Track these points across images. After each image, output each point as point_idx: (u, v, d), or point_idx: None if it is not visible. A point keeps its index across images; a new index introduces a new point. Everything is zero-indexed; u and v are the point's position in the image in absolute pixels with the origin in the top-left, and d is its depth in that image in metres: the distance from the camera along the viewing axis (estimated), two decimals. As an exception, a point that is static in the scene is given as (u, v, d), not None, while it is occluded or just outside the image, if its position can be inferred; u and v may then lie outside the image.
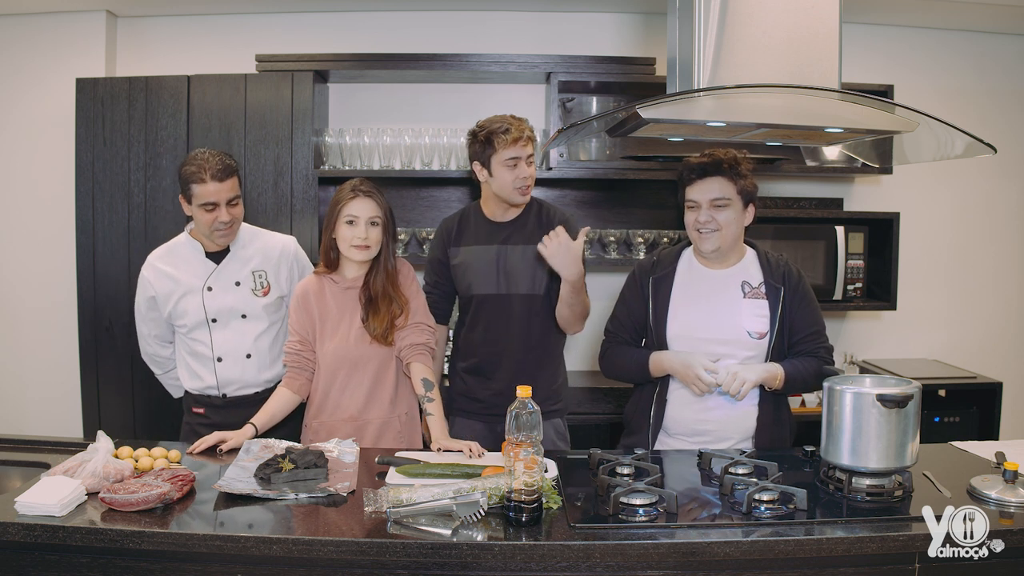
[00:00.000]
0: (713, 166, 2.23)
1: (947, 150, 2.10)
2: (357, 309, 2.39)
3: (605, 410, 3.35)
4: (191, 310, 2.51)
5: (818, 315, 2.32)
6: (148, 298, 2.56)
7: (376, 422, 2.39)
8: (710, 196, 2.23)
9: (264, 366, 2.58)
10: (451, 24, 3.71)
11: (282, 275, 2.60)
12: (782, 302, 2.26)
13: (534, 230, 2.54)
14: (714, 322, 2.27)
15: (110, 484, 1.83)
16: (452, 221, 2.67)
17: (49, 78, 3.58)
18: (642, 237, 3.53)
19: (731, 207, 2.24)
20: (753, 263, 2.33)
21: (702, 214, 2.24)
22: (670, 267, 2.37)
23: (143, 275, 2.56)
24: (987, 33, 3.85)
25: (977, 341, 3.94)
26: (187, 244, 2.56)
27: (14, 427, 3.59)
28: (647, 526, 1.71)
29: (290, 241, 2.68)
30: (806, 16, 1.95)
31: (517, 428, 1.70)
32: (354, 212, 2.32)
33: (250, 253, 2.58)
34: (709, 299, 2.30)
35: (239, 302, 2.53)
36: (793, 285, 2.28)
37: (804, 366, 2.25)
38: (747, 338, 2.25)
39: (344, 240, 2.34)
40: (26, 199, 3.66)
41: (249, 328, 2.54)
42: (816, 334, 2.29)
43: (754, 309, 2.26)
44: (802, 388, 2.29)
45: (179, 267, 2.53)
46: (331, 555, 1.64)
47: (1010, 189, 3.95)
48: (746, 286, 2.29)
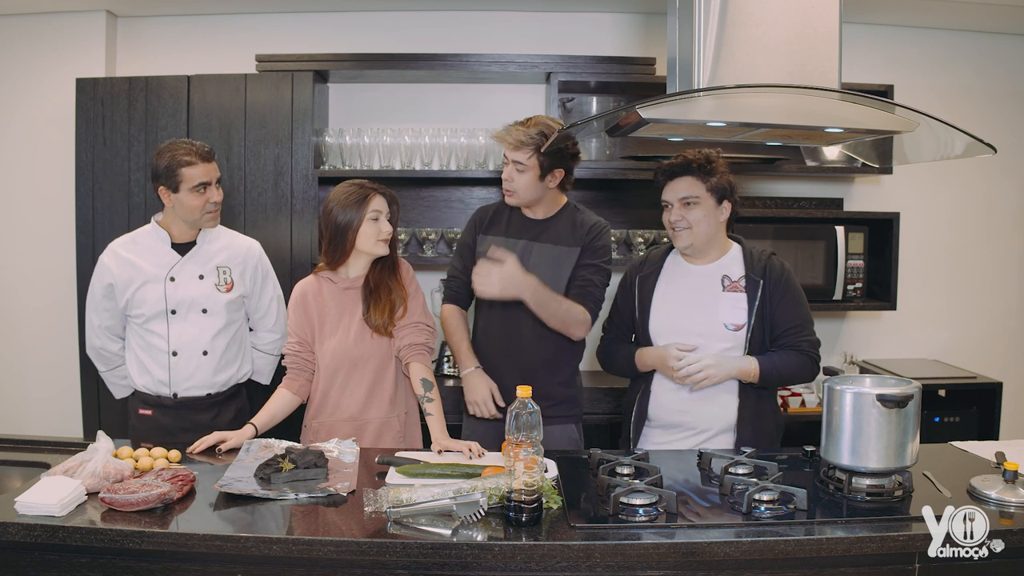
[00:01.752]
0: (682, 167, 2.32)
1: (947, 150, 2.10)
2: (356, 309, 2.39)
3: (605, 410, 3.35)
4: (150, 299, 2.48)
5: (802, 310, 2.35)
6: (105, 285, 2.51)
7: (376, 422, 2.39)
8: (679, 195, 2.32)
9: (219, 367, 2.55)
10: (451, 24, 3.71)
11: (247, 274, 2.60)
12: (761, 295, 2.31)
13: (566, 231, 2.52)
14: (693, 315, 2.35)
15: (110, 484, 1.82)
16: (488, 210, 2.67)
17: (49, 78, 3.59)
18: (642, 237, 3.53)
19: (700, 205, 2.31)
20: (736, 258, 2.39)
21: (673, 213, 2.33)
22: (657, 265, 2.47)
23: (102, 261, 2.53)
24: (987, 33, 3.85)
25: (977, 341, 3.94)
26: (152, 233, 2.54)
27: (14, 427, 3.59)
28: (647, 526, 1.71)
29: (255, 243, 2.68)
30: (806, 16, 1.95)
31: (517, 428, 1.70)
32: (379, 207, 2.35)
33: (216, 248, 2.57)
34: (689, 293, 2.37)
35: (201, 295, 2.51)
36: (774, 279, 2.33)
37: (783, 360, 2.30)
38: (724, 330, 2.31)
39: (369, 236, 2.34)
40: (26, 199, 3.66)
41: (208, 323, 2.52)
42: (798, 328, 2.32)
43: (732, 302, 2.33)
44: (781, 381, 2.35)
45: (142, 255, 2.51)
46: (331, 555, 1.64)
47: (1010, 189, 3.95)
48: (726, 280, 2.36)
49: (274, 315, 2.68)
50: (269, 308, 2.67)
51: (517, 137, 2.44)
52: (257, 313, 2.66)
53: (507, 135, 2.46)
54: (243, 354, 2.64)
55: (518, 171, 2.46)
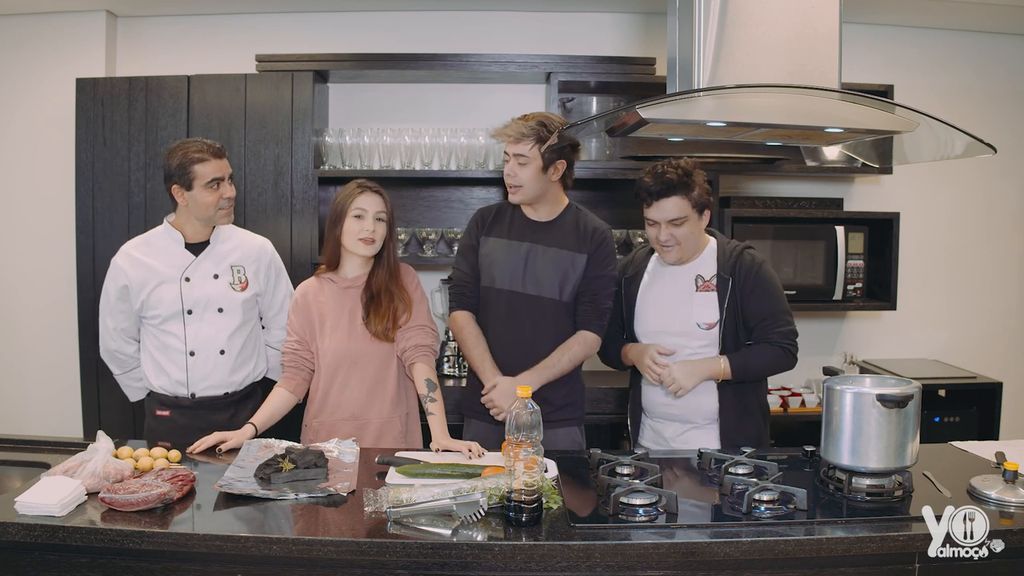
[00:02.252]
0: (667, 188, 2.31)
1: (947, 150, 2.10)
2: (357, 307, 2.39)
3: (605, 410, 3.35)
4: (166, 300, 2.48)
5: (773, 301, 2.38)
6: (120, 287, 2.51)
7: (377, 421, 2.39)
8: (668, 216, 2.34)
9: (236, 366, 2.55)
10: (451, 24, 3.71)
11: (260, 272, 2.60)
12: (730, 292, 2.36)
13: (570, 235, 2.50)
14: (670, 315, 2.43)
15: (110, 484, 1.82)
16: (490, 210, 2.63)
17: (49, 78, 3.59)
18: (642, 237, 3.53)
19: (688, 222, 2.35)
20: (711, 256, 2.44)
21: (662, 233, 2.36)
22: (640, 266, 2.55)
23: (116, 263, 2.53)
24: (987, 33, 3.86)
25: (977, 341, 3.95)
26: (165, 234, 2.54)
27: (14, 427, 3.59)
28: (647, 526, 1.71)
29: (267, 242, 2.68)
30: (806, 16, 1.95)
31: (517, 428, 1.70)
32: (363, 206, 2.34)
33: (230, 247, 2.57)
34: (665, 294, 2.45)
35: (217, 294, 2.51)
36: (743, 274, 2.37)
37: (755, 354, 2.36)
38: (697, 329, 2.38)
39: (351, 234, 2.34)
40: (26, 199, 3.66)
41: (224, 322, 2.52)
42: (771, 319, 2.36)
43: (704, 301, 2.39)
44: (756, 374, 2.40)
45: (156, 257, 2.51)
46: (331, 555, 1.64)
47: (1010, 189, 3.95)
48: (699, 279, 2.41)
49: (287, 313, 2.68)
50: (283, 306, 2.67)
51: (518, 130, 2.42)
52: (271, 311, 2.67)
53: (507, 129, 2.45)
54: (258, 352, 2.64)
55: (521, 164, 2.43)
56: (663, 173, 2.32)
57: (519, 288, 2.48)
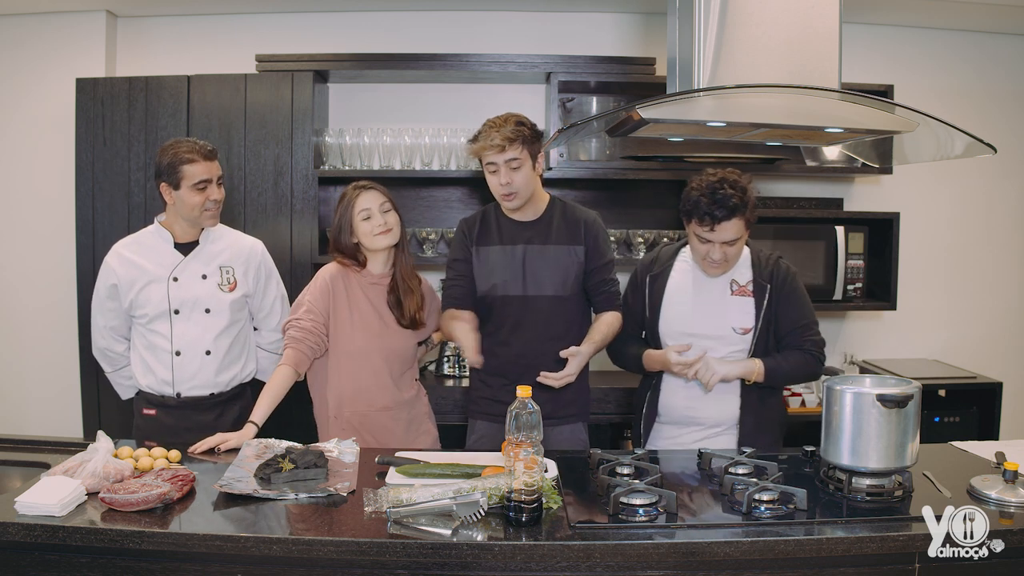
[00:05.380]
0: (730, 212, 2.21)
1: (947, 150, 2.10)
2: (383, 302, 2.47)
3: (606, 410, 3.35)
4: (154, 299, 2.49)
5: (806, 310, 2.37)
6: (109, 286, 2.52)
7: (407, 410, 2.49)
8: (726, 239, 2.25)
9: (222, 367, 2.55)
10: (451, 24, 3.71)
11: (250, 273, 2.60)
12: (767, 299, 2.34)
13: (562, 230, 2.49)
14: (701, 318, 2.37)
15: (110, 484, 1.82)
16: (473, 220, 2.58)
17: (49, 78, 3.59)
18: (642, 237, 3.53)
19: (740, 240, 2.30)
20: (745, 262, 2.40)
21: (715, 251, 2.27)
22: (667, 264, 2.47)
23: (106, 262, 2.54)
24: (987, 33, 3.85)
25: (977, 341, 3.94)
26: (155, 234, 2.54)
27: (14, 427, 3.59)
28: (647, 526, 1.71)
29: (259, 243, 2.68)
30: (806, 16, 1.95)
31: (517, 428, 1.70)
32: (365, 205, 2.41)
33: (219, 248, 2.57)
34: (699, 296, 2.39)
35: (204, 295, 2.51)
36: (780, 282, 2.36)
37: (787, 359, 2.34)
38: (732, 333, 2.34)
39: (366, 234, 2.41)
40: (26, 199, 3.66)
41: (211, 323, 2.52)
42: (804, 328, 2.35)
43: (740, 306, 2.35)
44: (786, 380, 2.41)
45: (145, 256, 2.51)
46: (331, 555, 1.64)
47: (1010, 189, 3.95)
48: (734, 284, 2.37)
49: (278, 314, 2.68)
50: (273, 307, 2.67)
51: (504, 135, 2.34)
52: (261, 312, 2.67)
53: (492, 139, 2.35)
54: (247, 354, 2.64)
55: (514, 168, 2.37)
56: (727, 197, 2.19)
57: (521, 291, 2.48)
